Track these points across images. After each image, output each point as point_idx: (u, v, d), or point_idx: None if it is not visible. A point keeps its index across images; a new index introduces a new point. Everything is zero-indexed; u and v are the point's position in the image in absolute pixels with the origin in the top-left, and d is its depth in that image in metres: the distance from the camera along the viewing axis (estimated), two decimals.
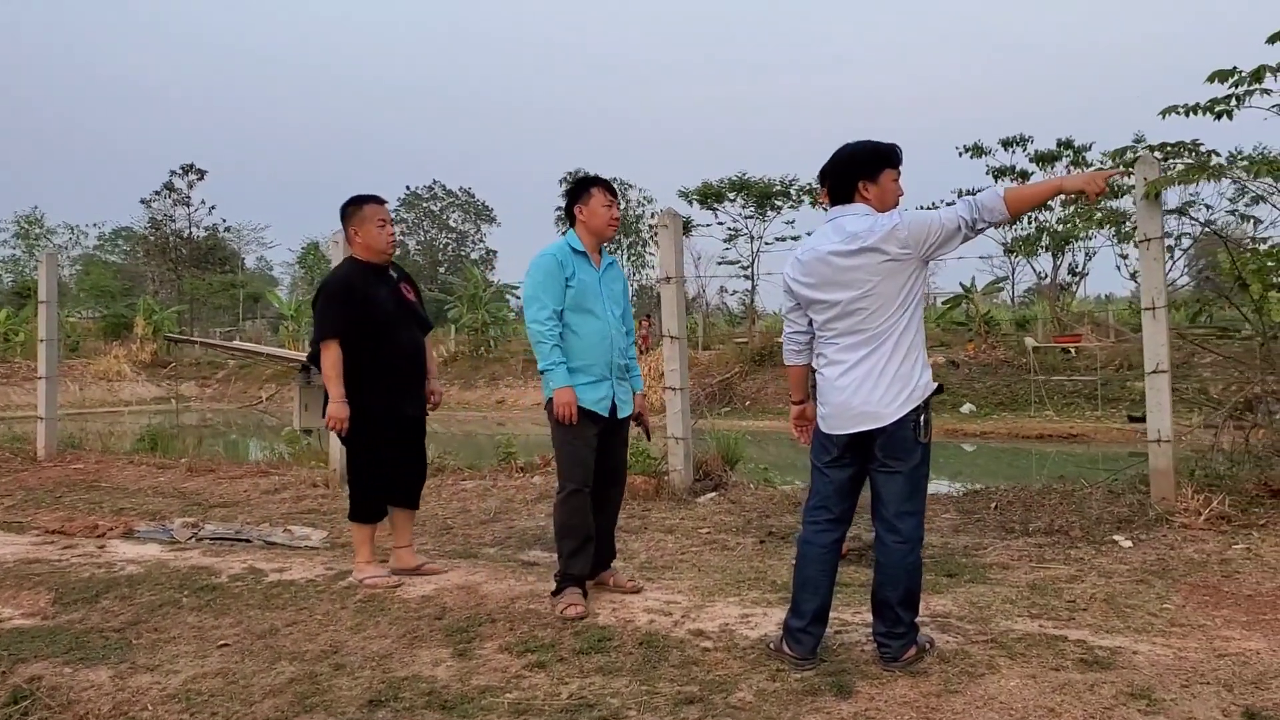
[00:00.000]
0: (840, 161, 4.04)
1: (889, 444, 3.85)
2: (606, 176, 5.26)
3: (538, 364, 4.94)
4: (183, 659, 4.43)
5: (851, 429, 3.90)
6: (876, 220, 3.87)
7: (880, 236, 3.81)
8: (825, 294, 3.92)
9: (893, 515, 3.89)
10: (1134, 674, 3.76)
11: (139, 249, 58.04)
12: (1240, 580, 4.96)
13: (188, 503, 8.34)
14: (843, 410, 3.90)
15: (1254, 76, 6.17)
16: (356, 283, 5.34)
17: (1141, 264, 6.26)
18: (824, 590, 4.00)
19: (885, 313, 3.84)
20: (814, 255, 3.96)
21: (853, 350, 3.89)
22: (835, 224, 3.97)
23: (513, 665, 4.16)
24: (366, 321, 5.31)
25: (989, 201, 3.80)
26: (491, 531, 6.91)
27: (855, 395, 3.86)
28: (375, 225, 5.44)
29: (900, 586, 3.88)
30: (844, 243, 3.87)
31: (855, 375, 3.87)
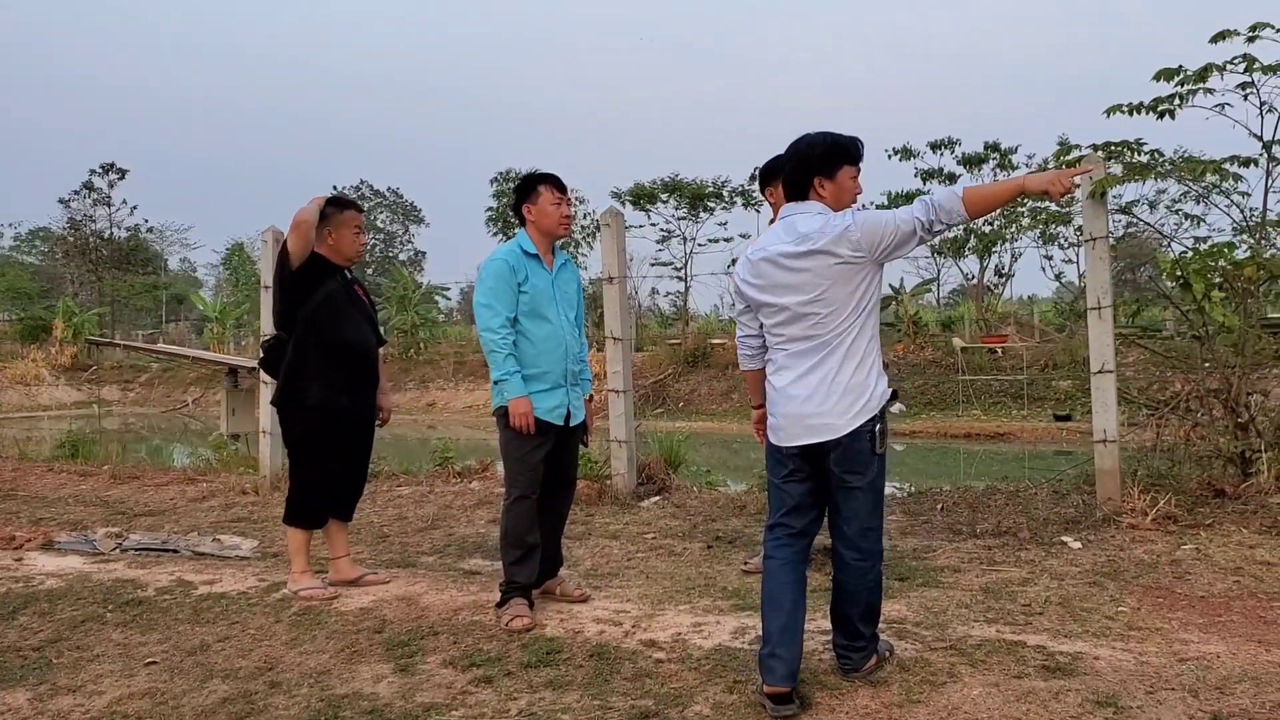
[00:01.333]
0: (797, 155, 3.79)
1: (845, 457, 3.64)
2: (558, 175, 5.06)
3: (491, 373, 4.76)
4: (107, 679, 4.19)
5: (802, 440, 3.68)
6: (829, 220, 3.64)
7: (831, 238, 3.58)
8: (774, 297, 3.72)
9: (855, 533, 3.71)
10: (1097, 680, 3.69)
11: (57, 250, 56.48)
12: (1192, 581, 4.94)
13: (111, 511, 8.01)
14: (793, 421, 3.69)
15: (1199, 76, 6.19)
16: (310, 270, 5.16)
17: (1087, 263, 6.24)
18: (789, 604, 3.68)
19: (838, 318, 3.62)
20: (763, 255, 3.75)
21: (804, 357, 3.68)
22: (787, 223, 3.75)
23: (458, 680, 3.99)
24: (318, 309, 5.15)
25: (947, 203, 3.59)
26: (430, 539, 6.71)
27: (806, 405, 3.65)
28: (351, 231, 5.31)
29: (861, 602, 3.74)
30: (794, 243, 3.65)
31: (807, 384, 3.66)
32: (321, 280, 5.20)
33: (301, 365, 5.15)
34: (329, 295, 5.20)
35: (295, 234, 5.09)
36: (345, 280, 5.36)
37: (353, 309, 5.31)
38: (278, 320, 5.28)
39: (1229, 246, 6.51)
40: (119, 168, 51.65)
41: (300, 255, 5.10)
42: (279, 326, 5.27)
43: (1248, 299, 6.47)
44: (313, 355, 5.14)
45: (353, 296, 5.37)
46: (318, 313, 5.15)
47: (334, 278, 5.26)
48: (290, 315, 5.19)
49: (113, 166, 51.50)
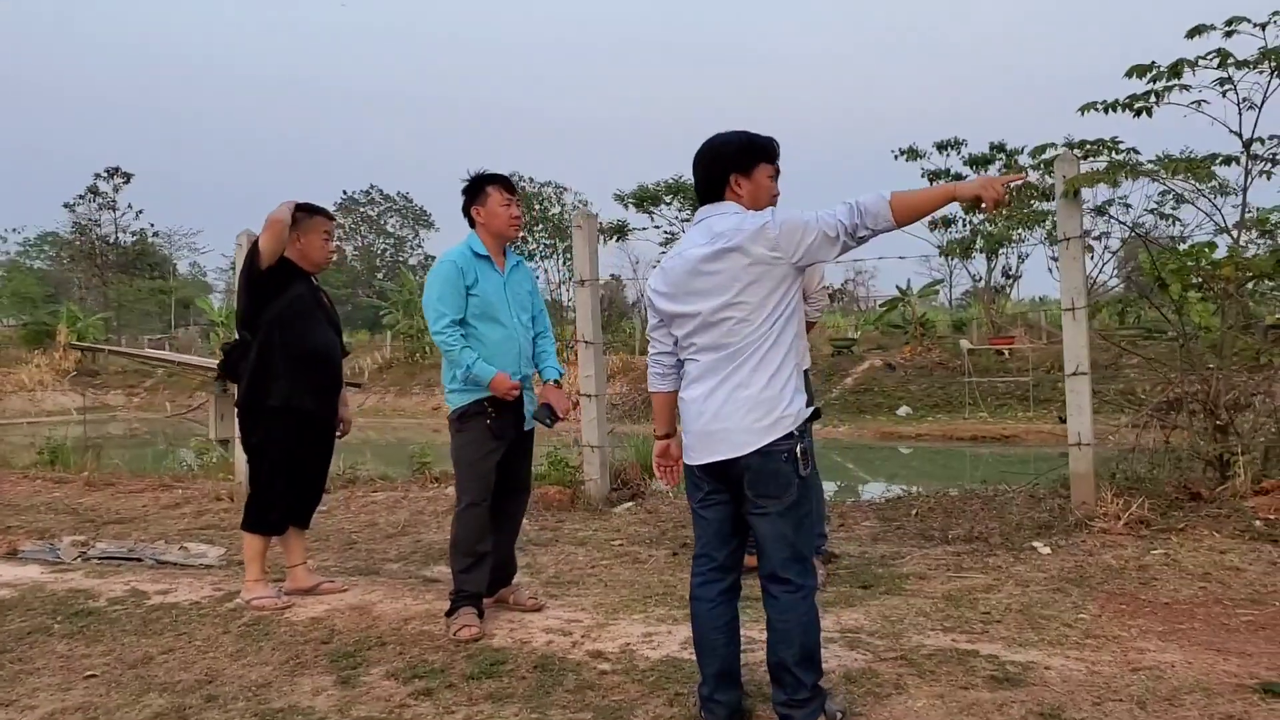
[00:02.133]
0: (711, 152, 3.51)
1: (758, 479, 3.29)
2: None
3: (454, 371, 4.68)
4: (43, 692, 4.12)
5: (708, 458, 3.36)
6: (744, 218, 3.36)
7: (746, 236, 3.29)
8: (685, 305, 3.40)
9: (778, 564, 3.33)
10: (1045, 691, 3.59)
11: (64, 254, 56.69)
12: (1158, 588, 4.83)
13: (81, 520, 7.95)
14: (703, 437, 3.37)
15: (1172, 71, 6.08)
16: (278, 272, 5.10)
17: (1061, 264, 6.13)
18: (724, 650, 3.46)
19: (750, 325, 3.30)
20: (678, 261, 3.45)
21: (715, 369, 3.36)
22: (702, 225, 3.46)
23: (398, 693, 3.91)
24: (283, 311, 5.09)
25: (874, 207, 3.26)
26: (397, 546, 6.63)
27: (714, 420, 3.33)
28: (320, 237, 5.25)
29: (795, 643, 3.31)
30: (709, 244, 3.35)
31: (716, 397, 3.34)
32: (289, 284, 5.14)
33: (267, 367, 5.09)
34: (296, 298, 5.14)
35: (267, 234, 5.01)
36: (312, 286, 5.30)
37: (319, 314, 5.26)
38: (241, 321, 5.22)
39: (1209, 246, 6.39)
40: (123, 171, 51.82)
41: (270, 256, 5.03)
42: (242, 327, 5.21)
43: (1227, 300, 6.35)
44: (277, 357, 5.08)
45: (319, 301, 5.32)
46: (283, 315, 5.09)
47: (301, 282, 5.21)
48: (255, 317, 5.13)
49: (117, 170, 51.69)
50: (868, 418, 23.33)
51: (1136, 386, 15.29)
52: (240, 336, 5.25)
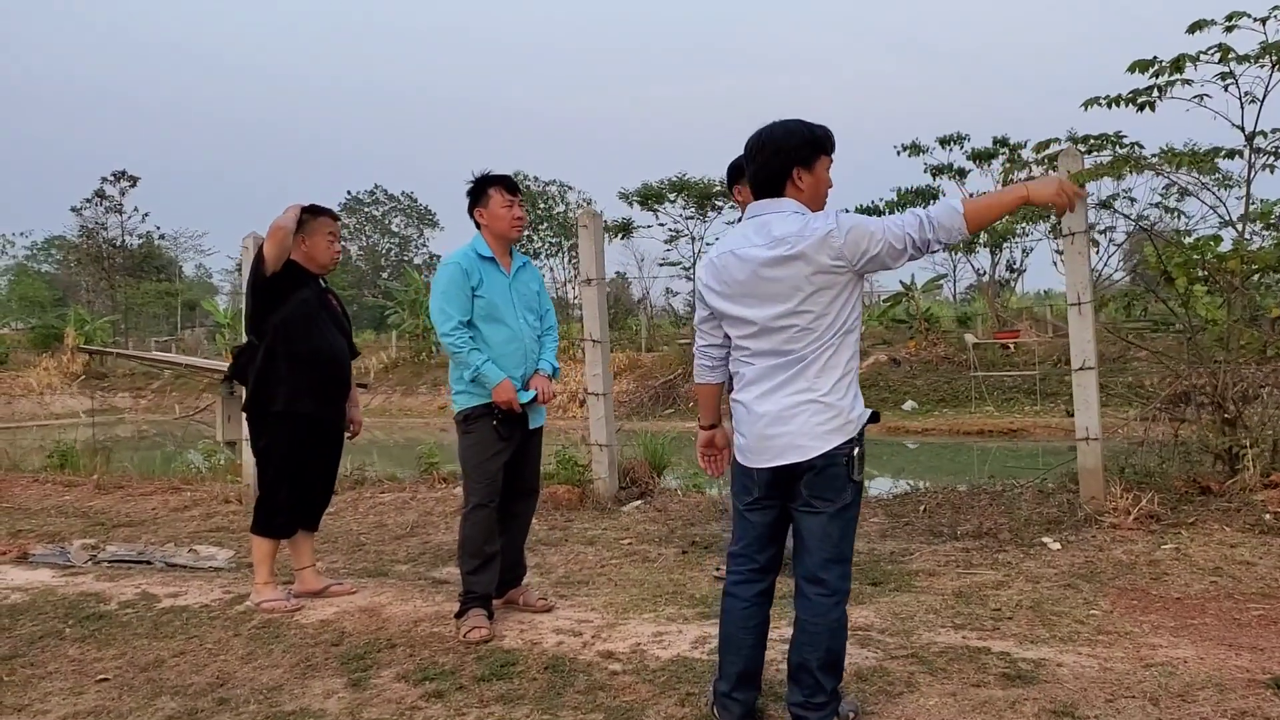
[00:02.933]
0: (773, 144, 3.33)
1: (817, 481, 3.24)
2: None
3: (462, 373, 4.69)
4: (55, 697, 4.13)
5: (773, 463, 3.28)
6: (808, 222, 3.22)
7: (810, 244, 3.16)
8: (743, 308, 3.31)
9: (817, 563, 3.28)
10: (1057, 688, 3.59)
11: (71, 258, 56.75)
12: (1169, 583, 4.82)
13: (91, 523, 7.96)
14: (763, 442, 3.29)
15: (1174, 66, 6.06)
16: (284, 277, 5.10)
17: (1066, 258, 6.12)
18: (750, 650, 3.43)
19: (813, 334, 3.21)
20: (732, 259, 3.33)
21: (775, 373, 3.28)
22: (758, 223, 3.33)
23: (409, 695, 3.92)
24: (290, 315, 5.09)
25: (946, 219, 3.17)
26: (406, 547, 6.63)
27: (775, 425, 3.26)
28: (324, 238, 5.25)
29: (821, 647, 3.26)
30: (768, 247, 3.23)
31: (776, 400, 3.26)
32: (295, 287, 5.14)
33: (272, 371, 5.09)
34: (302, 302, 5.14)
35: (272, 240, 5.02)
36: (319, 289, 5.31)
37: (326, 317, 5.27)
38: (249, 325, 5.22)
39: (1214, 239, 6.38)
40: (130, 175, 51.78)
41: (276, 261, 5.04)
42: (250, 331, 5.21)
43: (1233, 293, 6.33)
44: (283, 362, 5.08)
45: (326, 305, 5.32)
46: (290, 319, 5.10)
47: (308, 285, 5.21)
48: (262, 321, 5.13)
49: (124, 174, 51.60)
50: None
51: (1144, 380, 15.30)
52: (248, 340, 5.25)
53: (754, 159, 3.38)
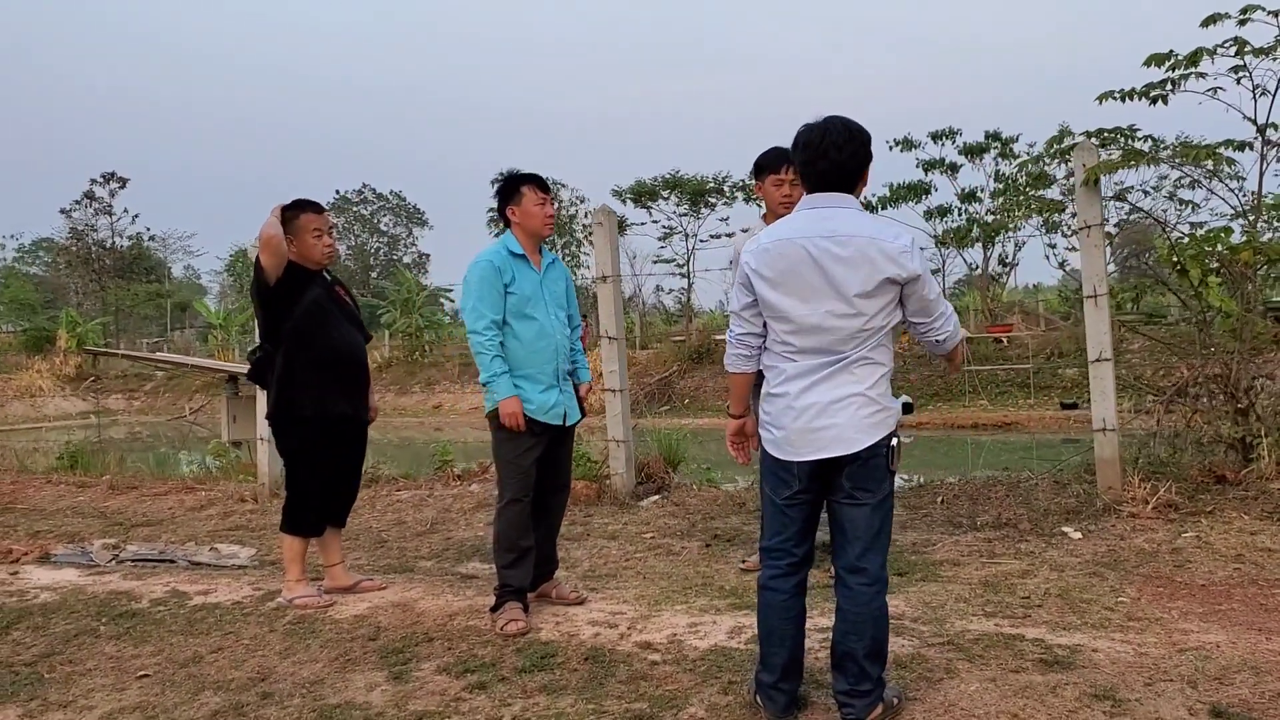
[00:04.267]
0: (855, 139, 3.35)
1: (860, 473, 3.30)
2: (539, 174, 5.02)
3: (480, 376, 4.73)
4: (99, 693, 4.16)
5: (818, 455, 3.30)
6: (880, 230, 3.28)
7: (885, 255, 3.23)
8: (793, 300, 3.31)
9: (858, 554, 3.34)
10: (1095, 673, 3.65)
11: (60, 260, 56.56)
12: (1193, 570, 4.89)
13: (109, 523, 7.98)
14: (806, 435, 3.31)
15: (1190, 60, 6.13)
16: (287, 283, 5.09)
17: (1081, 251, 6.19)
18: (791, 641, 3.46)
19: (866, 333, 3.28)
20: (789, 248, 3.32)
21: (821, 369, 3.31)
22: (819, 215, 3.34)
23: (452, 687, 3.96)
24: (302, 319, 5.09)
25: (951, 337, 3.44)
26: (428, 543, 6.68)
27: (820, 417, 3.29)
28: (311, 235, 5.18)
29: (866, 635, 3.31)
30: (832, 243, 3.26)
31: (821, 394, 3.30)
32: (302, 289, 5.13)
33: (293, 377, 5.11)
34: (312, 303, 5.14)
35: (265, 251, 5.00)
36: (326, 284, 5.30)
37: (338, 314, 5.26)
38: (264, 333, 5.23)
39: (1225, 231, 6.45)
40: (119, 176, 51.69)
41: (275, 270, 5.03)
42: (265, 339, 5.22)
43: (1245, 284, 6.41)
44: (303, 366, 5.09)
45: (336, 300, 5.31)
46: (303, 323, 5.10)
47: (314, 284, 5.20)
48: (277, 327, 5.14)
49: (113, 175, 51.54)
50: None
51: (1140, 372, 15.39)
52: (262, 346, 5.26)
53: (831, 150, 3.33)
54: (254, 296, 5.23)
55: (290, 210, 5.16)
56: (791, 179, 5.29)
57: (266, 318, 5.15)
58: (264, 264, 5.03)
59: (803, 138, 3.40)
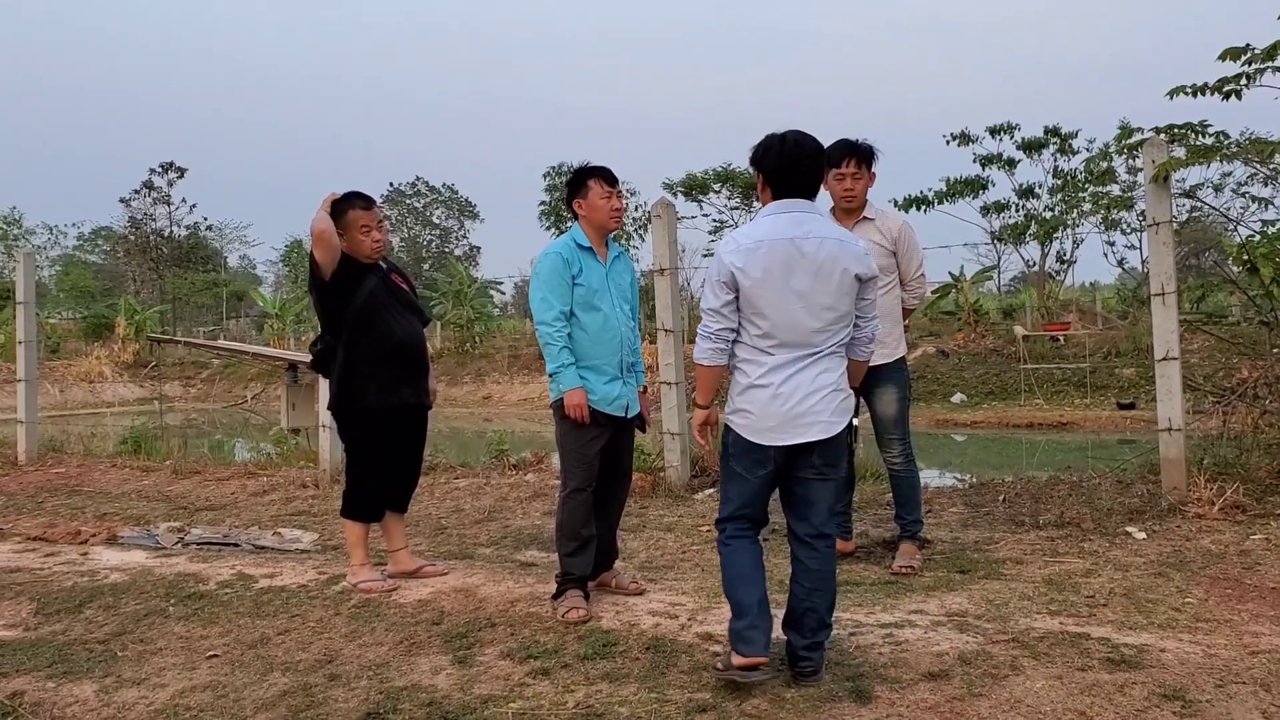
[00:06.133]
0: (819, 151, 3.87)
1: (829, 451, 3.77)
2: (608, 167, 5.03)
3: (546, 366, 4.77)
4: (170, 671, 4.25)
5: (800, 439, 3.70)
6: (845, 233, 3.84)
7: (853, 257, 3.72)
8: (777, 298, 3.67)
9: (822, 521, 3.82)
10: (1164, 673, 3.61)
11: (119, 249, 57.46)
12: (1262, 572, 4.82)
13: (173, 506, 8.12)
14: (789, 422, 3.69)
15: (1267, 54, 6.02)
16: (343, 277, 5.14)
17: (1150, 248, 6.11)
18: (760, 581, 3.80)
19: (837, 328, 3.75)
20: (769, 247, 3.68)
21: (797, 362, 3.72)
22: (798, 218, 3.74)
23: (515, 672, 4.00)
24: (361, 310, 5.14)
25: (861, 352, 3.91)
26: (487, 531, 6.73)
27: (801, 404, 3.69)
28: (359, 232, 5.19)
29: (828, 592, 3.80)
30: (815, 246, 3.66)
31: (801, 385, 3.70)
32: (359, 280, 5.17)
33: (355, 368, 5.16)
34: (369, 296, 5.17)
35: (319, 247, 5.04)
36: (382, 273, 5.32)
37: (395, 302, 5.29)
38: (325, 325, 5.28)
39: None
40: (178, 167, 52.43)
41: (328, 264, 5.07)
42: (326, 331, 5.27)
43: None
44: (364, 357, 5.15)
45: (392, 288, 5.33)
46: (362, 314, 5.15)
47: (370, 274, 5.23)
48: (336, 320, 5.19)
49: (172, 165, 52.30)
50: (922, 405, 23.20)
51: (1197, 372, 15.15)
52: (324, 337, 5.32)
53: (801, 164, 3.79)
54: (311, 290, 5.28)
55: (340, 204, 5.17)
56: (853, 172, 5.31)
57: (325, 310, 5.21)
58: (318, 259, 5.07)
59: (776, 149, 3.81)
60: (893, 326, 5.40)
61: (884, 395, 5.40)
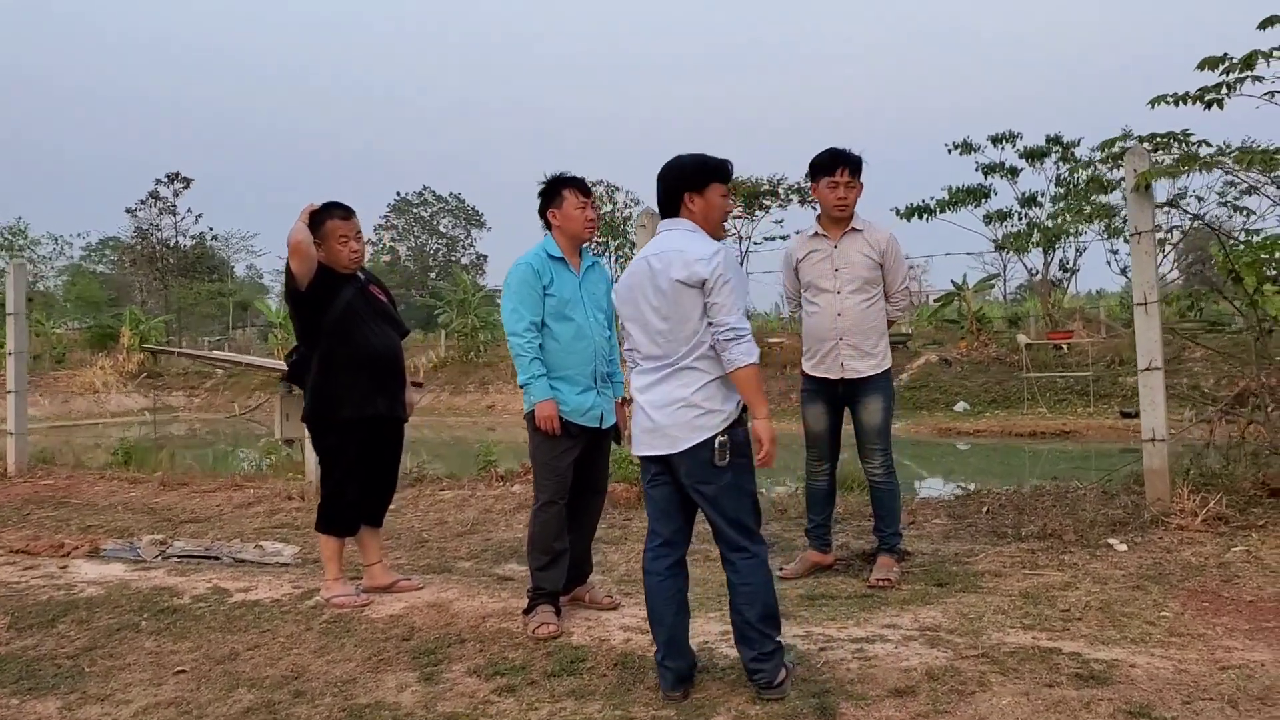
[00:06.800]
0: (668, 172, 3.94)
1: (693, 469, 3.75)
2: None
3: (518, 377, 4.75)
4: (136, 687, 4.23)
5: (651, 452, 3.84)
6: (691, 244, 3.78)
7: (683, 261, 3.72)
8: (632, 311, 3.89)
9: (731, 537, 3.79)
10: (1132, 689, 3.57)
11: (125, 259, 57.60)
12: (1240, 585, 4.77)
13: (158, 519, 8.10)
14: (645, 434, 3.84)
15: (1245, 63, 5.97)
16: (319, 287, 5.11)
17: (1133, 258, 6.06)
18: (669, 621, 3.82)
19: (683, 340, 3.76)
20: (635, 266, 3.91)
21: (653, 373, 3.84)
22: (658, 237, 3.92)
23: (481, 689, 3.97)
24: (337, 321, 5.11)
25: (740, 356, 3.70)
26: (468, 544, 6.70)
27: (654, 419, 3.80)
28: (337, 241, 5.17)
29: (757, 603, 3.74)
30: (657, 260, 3.80)
31: (656, 397, 3.81)
32: (336, 291, 5.14)
33: (329, 378, 5.13)
34: (346, 306, 5.14)
35: (294, 258, 5.02)
36: (359, 284, 5.29)
37: (371, 313, 5.26)
38: (300, 335, 5.26)
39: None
40: (183, 176, 52.56)
41: (304, 275, 5.05)
42: (302, 341, 5.25)
43: None
44: (339, 367, 5.12)
45: (370, 299, 5.30)
46: (337, 327, 5.12)
47: (347, 285, 5.20)
48: (312, 330, 5.17)
49: (178, 175, 52.45)
50: (924, 414, 23.18)
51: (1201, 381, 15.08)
52: (299, 349, 5.29)
53: (657, 184, 3.97)
54: (287, 300, 5.26)
55: (319, 214, 5.16)
56: (847, 181, 5.28)
57: (301, 320, 5.19)
58: (294, 270, 5.06)
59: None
60: (878, 338, 5.38)
61: (869, 405, 5.37)
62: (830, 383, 5.41)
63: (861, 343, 5.34)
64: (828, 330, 5.38)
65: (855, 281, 5.36)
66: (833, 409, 5.49)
